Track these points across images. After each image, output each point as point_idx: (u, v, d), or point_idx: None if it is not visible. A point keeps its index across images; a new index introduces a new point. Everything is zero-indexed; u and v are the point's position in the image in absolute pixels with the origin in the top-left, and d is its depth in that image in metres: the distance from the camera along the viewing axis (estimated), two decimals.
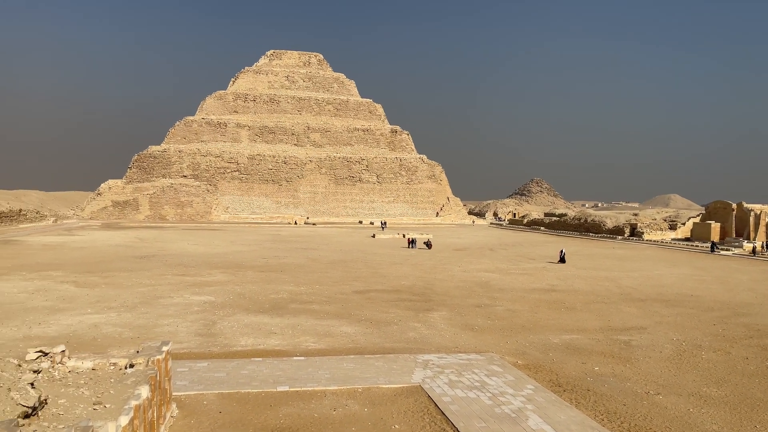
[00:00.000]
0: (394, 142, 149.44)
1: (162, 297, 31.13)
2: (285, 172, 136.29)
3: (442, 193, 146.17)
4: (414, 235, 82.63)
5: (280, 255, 55.47)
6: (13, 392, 10.37)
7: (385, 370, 18.32)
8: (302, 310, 28.46)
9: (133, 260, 48.69)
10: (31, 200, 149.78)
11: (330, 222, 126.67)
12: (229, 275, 40.34)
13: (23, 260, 46.91)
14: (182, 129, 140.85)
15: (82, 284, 35.00)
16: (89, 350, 19.38)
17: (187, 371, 18.01)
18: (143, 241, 69.14)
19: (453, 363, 19.27)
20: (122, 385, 12.71)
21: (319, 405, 15.49)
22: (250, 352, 20.74)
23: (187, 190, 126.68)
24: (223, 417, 14.68)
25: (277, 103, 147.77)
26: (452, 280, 39.92)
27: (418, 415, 14.72)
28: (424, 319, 26.89)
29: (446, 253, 61.02)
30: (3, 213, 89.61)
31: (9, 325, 23.72)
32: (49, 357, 13.80)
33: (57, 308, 27.51)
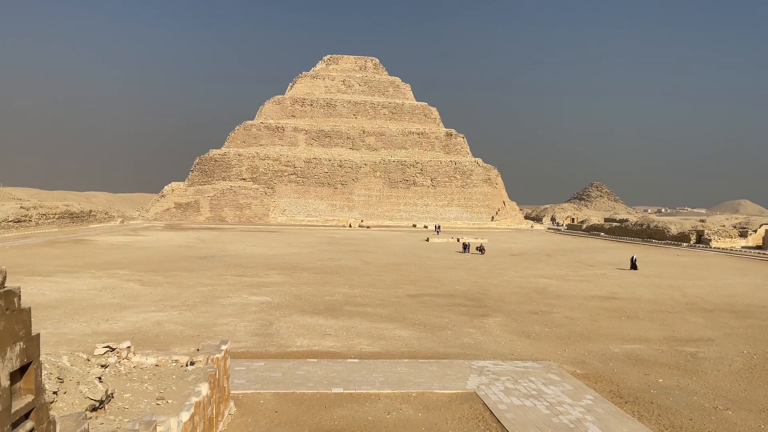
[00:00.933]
0: (449, 145, 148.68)
1: (221, 297, 31.95)
2: (340, 176, 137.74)
3: (497, 197, 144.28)
4: (468, 239, 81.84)
5: (334, 257, 56.02)
6: (81, 386, 10.82)
7: (439, 375, 18.16)
8: (356, 312, 28.61)
9: (194, 260, 50.22)
10: (99, 201, 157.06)
11: (384, 225, 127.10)
12: (286, 276, 41.01)
13: (92, 259, 49.14)
14: (242, 133, 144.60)
15: (146, 283, 36.34)
16: (152, 347, 20.07)
17: (245, 370, 18.38)
18: (204, 242, 71.26)
19: (509, 370, 18.91)
20: (183, 381, 13.08)
21: (373, 408, 15.49)
22: (305, 352, 20.98)
23: (246, 192, 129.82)
24: (279, 416, 14.89)
25: (333, 107, 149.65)
26: (508, 286, 39.27)
27: (473, 422, 14.50)
28: (479, 324, 26.54)
29: (502, 258, 60.12)
30: (75, 213, 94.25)
31: (79, 321, 24.86)
32: (116, 352, 14.35)
33: (123, 305, 28.65)
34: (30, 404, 6.19)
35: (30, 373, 6.24)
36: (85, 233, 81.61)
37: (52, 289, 32.26)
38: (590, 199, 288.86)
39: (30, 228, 79.11)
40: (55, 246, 60.53)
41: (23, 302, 6.23)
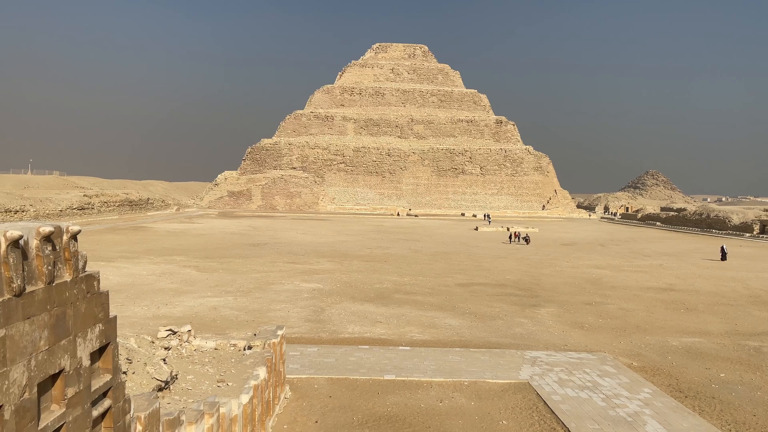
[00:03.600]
0: (498, 133, 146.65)
1: (274, 283, 32.64)
2: (388, 164, 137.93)
3: (549, 185, 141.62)
4: (518, 228, 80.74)
5: (383, 246, 56.31)
6: (148, 366, 11.31)
7: (491, 365, 18.10)
8: (406, 300, 28.74)
9: (248, 247, 51.41)
10: (156, 190, 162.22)
11: (432, 214, 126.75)
12: (336, 264, 41.52)
13: (151, 245, 50.97)
14: (292, 122, 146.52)
15: (202, 269, 37.47)
16: (210, 331, 20.73)
17: (299, 355, 18.78)
18: (256, 230, 72.81)
19: (562, 361, 18.67)
20: (242, 365, 13.49)
21: (425, 395, 15.60)
22: (357, 339, 21.25)
23: (296, 181, 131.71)
24: (333, 401, 15.17)
25: (381, 95, 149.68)
26: (560, 276, 38.62)
27: (526, 413, 14.42)
28: (531, 314, 26.24)
29: (553, 248, 59.11)
30: (133, 201, 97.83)
31: (140, 305, 25.89)
32: (178, 336, 14.91)
33: (181, 290, 29.65)
34: (108, 383, 6.53)
35: (108, 354, 6.58)
36: (144, 220, 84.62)
37: (115, 274, 33.67)
38: (645, 187, 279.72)
39: (92, 215, 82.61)
40: (116, 233, 63.03)
41: (101, 286, 6.56)
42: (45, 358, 5.40)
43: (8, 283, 4.88)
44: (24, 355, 5.10)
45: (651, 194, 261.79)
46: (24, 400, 5.10)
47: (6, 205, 66.06)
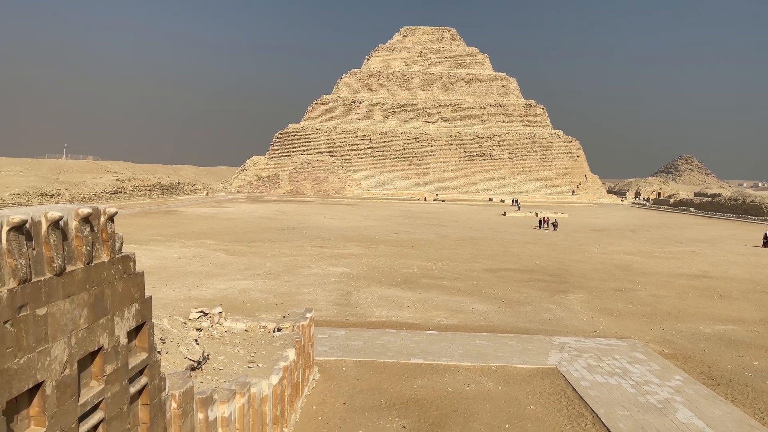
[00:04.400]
0: (527, 116, 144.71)
1: (302, 267, 32.97)
2: (415, 149, 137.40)
3: (578, 170, 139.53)
4: (547, 214, 79.88)
5: (410, 231, 56.31)
6: (181, 347, 11.56)
7: (519, 350, 18.05)
8: (433, 285, 28.76)
9: (276, 232, 51.94)
10: (186, 174, 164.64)
11: (459, 199, 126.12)
12: (363, 249, 41.70)
13: (182, 229, 51.85)
14: (319, 107, 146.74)
15: (231, 252, 38.02)
16: (240, 313, 21.06)
17: (327, 338, 18.99)
18: (284, 214, 73.46)
19: (591, 347, 18.52)
20: (272, 347, 13.71)
21: (452, 379, 15.65)
22: (384, 323, 21.39)
23: (323, 166, 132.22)
24: (360, 384, 15.33)
25: (409, 79, 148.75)
26: (590, 262, 38.18)
27: (554, 398, 14.37)
28: (560, 300, 26.04)
29: (583, 234, 58.38)
30: (164, 186, 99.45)
31: (172, 287, 26.42)
32: (209, 317, 15.20)
33: (211, 273, 30.16)
34: (144, 361, 6.71)
35: (144, 333, 6.76)
36: (174, 204, 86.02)
37: (148, 257, 34.37)
38: (679, 172, 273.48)
39: (125, 199, 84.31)
40: (148, 216, 64.25)
41: (136, 267, 6.72)
42: (85, 336, 5.57)
43: (49, 262, 5.04)
44: (65, 333, 5.26)
45: (684, 179, 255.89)
46: (65, 376, 5.27)
47: (42, 189, 67.80)
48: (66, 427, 5.28)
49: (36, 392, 4.99)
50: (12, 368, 4.58)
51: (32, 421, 5.03)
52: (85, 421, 5.67)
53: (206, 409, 8.32)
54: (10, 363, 4.55)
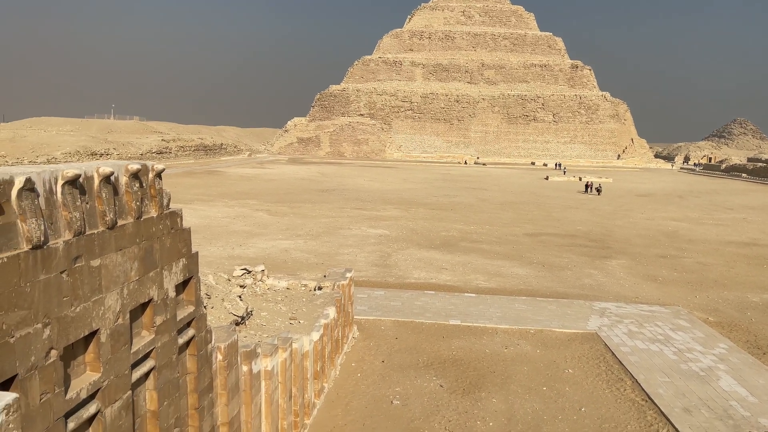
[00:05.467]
0: (573, 78, 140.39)
1: (342, 228, 33.30)
2: (457, 111, 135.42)
3: (625, 133, 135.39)
4: (591, 178, 78.13)
5: (450, 194, 56.00)
6: (225, 302, 11.92)
7: (558, 314, 17.96)
8: (472, 248, 28.69)
9: (316, 193, 52.43)
10: (229, 135, 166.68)
11: (500, 162, 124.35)
12: (402, 211, 41.77)
13: (225, 189, 52.84)
14: (360, 68, 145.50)
15: (273, 213, 38.64)
16: (282, 271, 21.50)
17: (366, 298, 19.26)
18: (324, 176, 73.95)
19: (633, 313, 18.28)
20: (312, 304, 14.00)
21: (490, 341, 15.73)
22: (422, 285, 21.53)
23: (363, 128, 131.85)
24: (399, 343, 15.57)
25: (451, 39, 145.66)
26: (634, 228, 37.36)
27: (593, 362, 14.31)
28: (601, 266, 25.67)
29: (627, 199, 57.01)
30: (208, 146, 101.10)
31: (216, 245, 27.11)
32: (252, 275, 15.58)
33: (253, 233, 30.77)
34: (191, 314, 6.95)
35: (191, 287, 6.98)
36: (218, 165, 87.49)
37: (192, 216, 35.24)
38: (732, 136, 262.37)
39: (170, 159, 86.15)
40: (192, 176, 65.62)
41: (183, 223, 6.90)
42: (136, 288, 5.79)
43: (102, 216, 5.22)
44: (117, 284, 5.48)
45: (738, 144, 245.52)
46: (118, 325, 5.52)
47: (92, 149, 69.84)
48: (120, 373, 5.55)
49: (91, 340, 5.25)
50: (69, 316, 4.81)
51: (88, 367, 5.30)
52: (138, 369, 5.95)
53: (250, 362, 8.60)
54: (66, 311, 4.78)
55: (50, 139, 71.46)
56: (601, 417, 11.57)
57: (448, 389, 12.74)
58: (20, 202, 4.23)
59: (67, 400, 4.81)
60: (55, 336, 4.63)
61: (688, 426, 10.86)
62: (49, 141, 69.79)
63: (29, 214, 4.29)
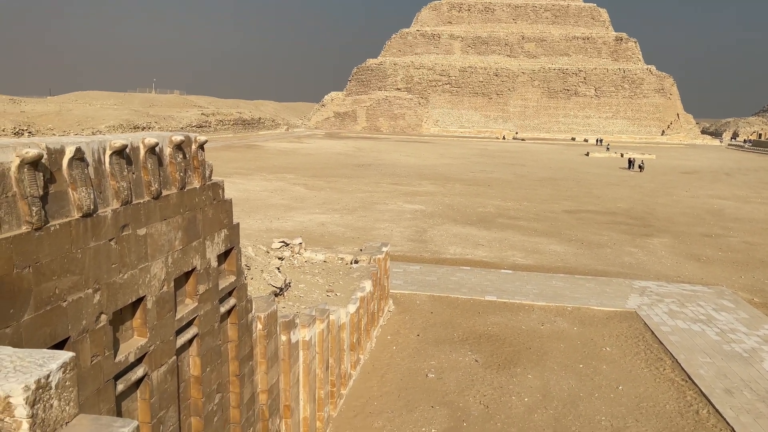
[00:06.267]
0: (617, 51, 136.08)
1: (378, 203, 33.37)
2: (495, 85, 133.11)
3: (670, 108, 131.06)
4: (634, 154, 76.13)
5: (487, 170, 55.40)
6: (264, 274, 12.14)
7: (596, 292, 17.73)
8: (509, 225, 28.43)
9: (353, 168, 52.55)
10: (267, 110, 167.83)
11: (540, 138, 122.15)
12: (438, 186, 41.57)
13: (263, 163, 53.42)
14: (398, 41, 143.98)
15: (310, 187, 38.94)
16: (319, 245, 21.74)
17: (402, 272, 19.34)
18: (361, 151, 73.98)
19: (674, 292, 17.90)
20: (349, 277, 14.15)
21: (526, 318, 15.66)
22: (458, 260, 21.49)
23: (400, 102, 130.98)
24: (434, 317, 15.63)
25: (491, 11, 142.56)
26: (677, 206, 36.38)
27: (632, 341, 14.12)
28: (642, 244, 25.14)
29: (671, 176, 55.44)
30: (246, 121, 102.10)
31: (254, 218, 27.54)
32: (290, 247, 15.80)
33: (291, 206, 31.12)
34: (233, 284, 7.10)
35: (232, 257, 7.12)
36: (255, 139, 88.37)
37: (231, 189, 35.81)
38: None
39: (209, 133, 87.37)
40: (231, 150, 66.49)
41: (225, 195, 7.02)
42: (179, 257, 5.94)
43: (147, 186, 5.34)
44: (162, 253, 5.63)
45: None
46: (163, 292, 5.68)
47: (134, 122, 71.33)
48: (165, 338, 5.73)
49: (138, 306, 5.42)
50: (117, 282, 4.97)
51: (135, 332, 5.49)
52: (182, 335, 6.13)
53: (289, 331, 8.77)
54: (115, 277, 4.94)
55: (95, 112, 73.25)
56: (639, 396, 11.45)
57: (483, 364, 12.77)
58: (71, 171, 4.35)
59: (116, 362, 5.00)
60: (104, 301, 4.79)
61: (729, 407, 10.67)
62: (94, 114, 71.55)
63: (79, 182, 4.42)
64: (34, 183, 3.97)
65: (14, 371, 2.25)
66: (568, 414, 10.77)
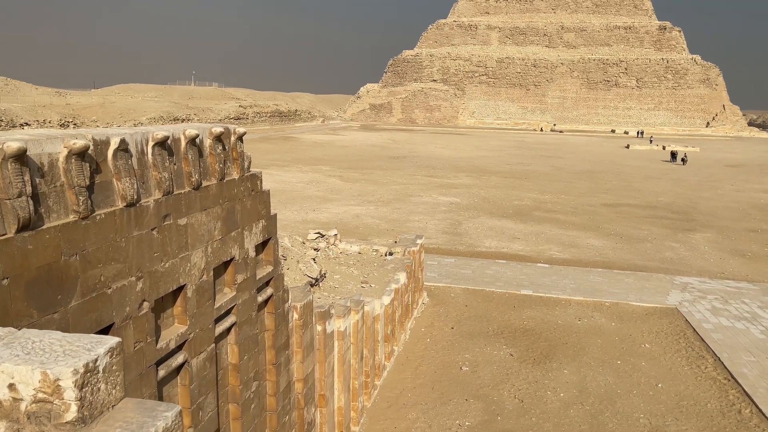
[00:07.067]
0: (661, 40, 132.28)
1: (413, 195, 33.32)
2: (533, 76, 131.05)
3: (716, 99, 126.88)
4: (677, 147, 74.09)
5: (524, 162, 54.70)
6: (300, 264, 12.27)
7: (636, 288, 17.37)
8: (546, 218, 28.05)
9: (388, 160, 52.55)
10: (303, 102, 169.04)
11: (578, 130, 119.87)
12: (474, 179, 41.25)
13: (299, 155, 53.88)
14: (434, 32, 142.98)
15: (345, 179, 39.12)
16: (354, 236, 21.84)
17: (436, 265, 19.30)
18: (396, 143, 73.91)
19: (717, 289, 17.41)
20: (383, 269, 14.18)
21: (563, 312, 15.45)
22: (493, 253, 21.32)
23: (436, 94, 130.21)
24: (468, 310, 15.56)
25: (530, 1, 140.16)
26: (721, 200, 35.29)
27: (672, 338, 13.80)
28: (684, 239, 24.49)
29: (716, 169, 53.77)
30: (283, 113, 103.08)
31: (291, 209, 27.84)
32: (325, 238, 15.92)
33: (326, 198, 31.33)
34: (270, 273, 7.20)
35: (269, 247, 7.22)
36: (292, 131, 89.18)
37: (268, 180, 36.15)
38: None
39: (246, 125, 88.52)
40: (268, 142, 67.24)
41: (262, 186, 7.11)
42: (219, 247, 6.05)
43: (188, 177, 5.44)
44: (202, 242, 5.74)
45: None
46: (203, 281, 5.80)
47: (174, 114, 72.77)
48: (204, 326, 5.86)
49: (179, 294, 5.54)
50: (159, 271, 5.10)
51: (176, 320, 5.62)
52: (220, 323, 6.25)
53: (324, 322, 8.86)
54: (157, 266, 5.06)
55: (136, 104, 74.98)
56: (679, 394, 11.19)
57: (518, 358, 12.67)
58: (116, 162, 4.47)
59: (158, 349, 5.13)
60: (147, 289, 4.92)
61: None
62: (135, 107, 73.25)
63: (124, 173, 4.53)
64: (81, 173, 4.08)
65: (63, 355, 2.33)
66: (605, 410, 10.61)
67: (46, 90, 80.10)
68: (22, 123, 51.91)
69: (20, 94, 70.45)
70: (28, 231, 3.74)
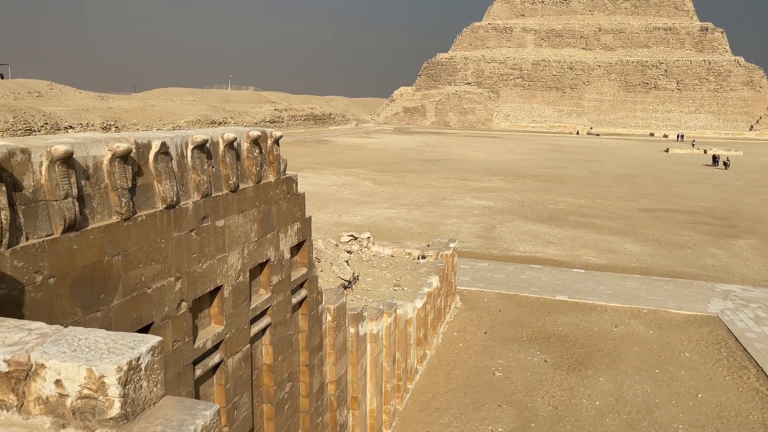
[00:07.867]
0: (702, 42, 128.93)
1: (446, 198, 33.19)
2: (570, 79, 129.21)
3: (760, 102, 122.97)
4: (719, 151, 72.06)
5: (559, 165, 53.95)
6: (334, 266, 12.35)
7: (675, 295, 16.94)
8: (582, 223, 27.60)
9: (421, 163, 52.48)
10: (337, 105, 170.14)
11: (616, 133, 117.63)
12: (508, 183, 40.87)
13: (333, 158, 54.24)
14: (469, 35, 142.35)
15: (378, 182, 39.21)
16: (387, 239, 21.88)
17: (469, 269, 19.18)
18: (429, 146, 73.77)
19: (761, 297, 16.86)
20: (416, 272, 14.17)
21: (598, 319, 15.18)
22: (528, 258, 21.08)
23: (470, 97, 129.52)
24: (502, 315, 15.42)
25: (567, 3, 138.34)
26: (766, 205, 34.17)
27: (713, 347, 13.42)
28: (726, 245, 23.79)
29: (760, 174, 52.12)
30: (317, 116, 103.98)
31: (324, 212, 28.03)
32: (358, 241, 15.99)
33: (359, 201, 31.45)
34: (304, 275, 7.27)
35: (304, 249, 7.29)
36: (326, 134, 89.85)
37: (302, 183, 36.30)
38: None
39: (282, 128, 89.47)
40: (302, 145, 67.91)
41: (298, 188, 7.18)
42: (255, 248, 6.14)
43: (226, 180, 5.54)
44: (238, 244, 5.83)
45: None
46: (239, 282, 5.89)
47: (211, 117, 74.11)
48: (240, 327, 5.95)
49: (215, 295, 5.65)
50: (197, 271, 5.20)
51: (213, 320, 5.72)
52: (255, 324, 6.34)
53: (357, 324, 8.89)
54: (195, 267, 5.17)
55: (175, 108, 76.63)
56: (720, 405, 10.87)
57: (552, 365, 12.49)
58: (156, 165, 4.58)
59: (195, 348, 5.23)
60: (185, 289, 5.02)
61: None
62: (174, 110, 74.87)
63: (164, 175, 4.64)
64: (124, 175, 4.20)
65: (108, 353, 2.40)
66: (642, 420, 10.37)
67: (89, 94, 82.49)
68: (66, 126, 53.61)
69: (65, 98, 72.76)
70: (74, 231, 3.86)
